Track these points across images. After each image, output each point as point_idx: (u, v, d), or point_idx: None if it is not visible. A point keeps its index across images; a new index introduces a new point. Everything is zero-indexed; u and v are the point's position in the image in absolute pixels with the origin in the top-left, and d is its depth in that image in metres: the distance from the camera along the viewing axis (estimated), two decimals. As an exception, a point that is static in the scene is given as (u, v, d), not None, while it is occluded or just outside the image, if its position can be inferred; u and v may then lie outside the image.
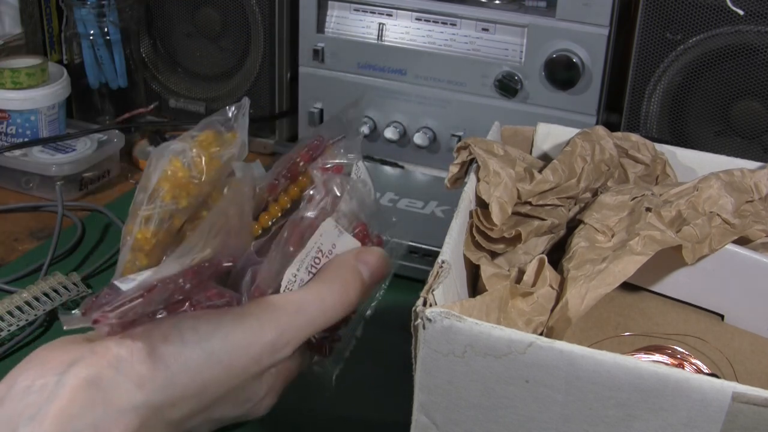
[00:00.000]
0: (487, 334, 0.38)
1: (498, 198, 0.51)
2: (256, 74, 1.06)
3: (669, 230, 0.50)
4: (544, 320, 0.47)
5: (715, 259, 0.52)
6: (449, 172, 0.57)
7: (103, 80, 1.09)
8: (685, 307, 0.54)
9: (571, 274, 0.48)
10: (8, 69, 0.96)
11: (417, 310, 0.40)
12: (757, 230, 0.54)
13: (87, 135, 1.00)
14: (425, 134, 0.99)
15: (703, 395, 0.36)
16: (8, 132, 0.98)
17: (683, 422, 0.37)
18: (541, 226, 0.54)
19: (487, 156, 0.54)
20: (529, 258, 0.52)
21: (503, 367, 0.39)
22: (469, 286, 0.51)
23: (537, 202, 0.54)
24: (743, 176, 0.56)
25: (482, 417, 0.40)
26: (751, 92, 0.86)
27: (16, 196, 0.95)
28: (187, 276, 0.42)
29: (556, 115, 0.92)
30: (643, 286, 0.55)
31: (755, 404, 0.36)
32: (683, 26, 0.85)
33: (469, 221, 0.52)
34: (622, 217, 0.51)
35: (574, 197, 0.56)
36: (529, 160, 0.58)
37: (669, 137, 0.90)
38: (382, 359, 0.64)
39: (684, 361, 0.48)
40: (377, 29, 0.98)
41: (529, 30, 0.92)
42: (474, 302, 0.43)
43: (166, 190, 0.47)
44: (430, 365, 0.40)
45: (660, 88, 0.89)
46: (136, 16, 1.09)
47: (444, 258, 0.44)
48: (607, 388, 0.37)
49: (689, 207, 0.52)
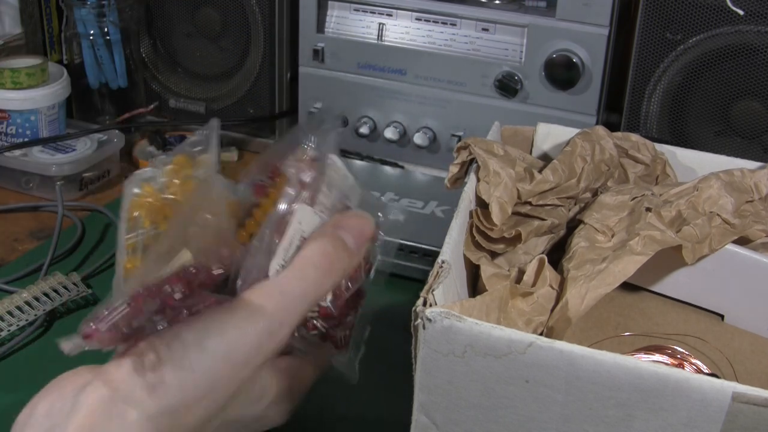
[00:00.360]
0: (487, 334, 0.38)
1: (498, 198, 0.51)
2: (256, 74, 1.06)
3: (669, 230, 0.50)
4: (544, 320, 0.47)
5: (715, 259, 0.52)
6: (449, 172, 0.57)
7: (103, 80, 1.09)
8: (685, 307, 0.54)
9: (571, 274, 0.48)
10: (8, 69, 0.96)
11: (417, 310, 0.40)
12: (757, 230, 0.54)
13: (87, 135, 1.00)
14: (425, 134, 0.99)
15: (703, 395, 0.36)
16: (8, 132, 0.98)
17: (683, 422, 0.37)
18: (541, 226, 0.54)
19: (487, 156, 0.54)
20: (529, 258, 0.52)
21: (503, 367, 0.39)
22: (469, 286, 0.51)
23: (537, 202, 0.54)
24: (743, 176, 0.56)
25: (482, 417, 0.40)
26: (751, 92, 0.86)
27: (16, 196, 0.95)
28: (173, 283, 0.42)
29: (556, 115, 0.92)
30: (643, 286, 0.55)
31: (755, 404, 0.36)
32: (683, 26, 0.85)
33: (469, 221, 0.52)
34: (622, 217, 0.51)
35: (574, 197, 0.56)
36: (529, 160, 0.58)
37: (669, 137, 0.90)
38: (383, 359, 0.64)
39: (684, 361, 0.48)
40: (377, 29, 0.98)
41: (529, 30, 0.92)
42: (474, 302, 0.43)
43: (144, 217, 0.48)
44: (430, 365, 0.40)
45: (660, 88, 0.89)
46: (136, 16, 1.09)
47: (444, 258, 0.44)
48: (607, 388, 0.37)
49: (689, 207, 0.52)
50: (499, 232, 0.51)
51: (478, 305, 0.43)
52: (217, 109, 1.10)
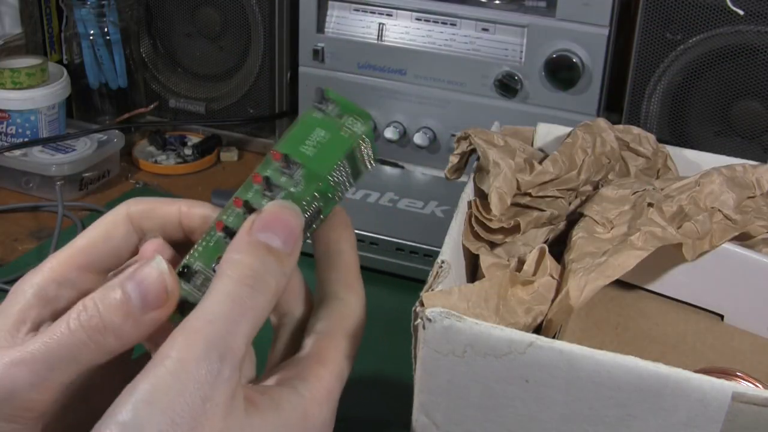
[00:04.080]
0: (487, 334, 0.38)
1: (497, 188, 0.51)
2: (256, 74, 1.06)
3: (670, 226, 0.50)
4: (544, 309, 0.47)
5: (715, 259, 0.52)
6: (449, 162, 0.57)
7: (103, 80, 1.09)
8: (685, 307, 0.54)
9: (571, 267, 0.48)
10: (8, 69, 0.96)
11: (417, 310, 0.40)
12: (759, 226, 0.53)
13: (87, 135, 1.00)
14: (425, 134, 0.99)
15: (703, 395, 0.36)
16: (8, 132, 0.98)
17: (683, 422, 0.37)
18: (540, 217, 0.54)
19: (487, 146, 0.54)
20: (528, 249, 0.52)
21: (503, 367, 0.39)
22: (469, 279, 0.51)
23: (537, 193, 0.54)
24: (745, 172, 0.56)
25: (482, 417, 0.40)
26: (751, 92, 0.86)
27: (16, 196, 0.95)
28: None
29: (556, 115, 0.92)
30: (643, 285, 0.55)
31: (755, 404, 0.36)
32: (683, 26, 0.85)
33: (467, 212, 0.52)
34: (623, 211, 0.51)
35: (574, 189, 0.56)
36: (529, 151, 0.58)
37: (669, 137, 0.90)
38: (383, 359, 0.64)
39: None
40: (377, 29, 0.98)
41: (529, 30, 0.92)
42: (473, 288, 0.43)
43: None
44: (430, 365, 0.40)
45: (660, 88, 0.89)
46: (136, 16, 1.09)
47: (444, 258, 0.44)
48: (607, 388, 0.37)
49: (690, 202, 0.52)
50: (497, 222, 0.51)
51: (477, 291, 0.43)
52: (217, 109, 1.10)
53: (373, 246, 0.82)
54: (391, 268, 0.82)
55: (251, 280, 0.36)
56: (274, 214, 0.37)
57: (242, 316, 0.35)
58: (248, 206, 0.39)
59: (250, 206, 0.39)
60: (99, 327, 0.35)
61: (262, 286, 0.36)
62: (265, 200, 0.39)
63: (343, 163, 0.39)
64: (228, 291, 0.35)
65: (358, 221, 0.45)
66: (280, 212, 0.37)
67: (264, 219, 0.37)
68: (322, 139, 0.40)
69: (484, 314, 0.43)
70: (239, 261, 0.36)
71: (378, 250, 0.82)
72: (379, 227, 0.83)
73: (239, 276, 0.36)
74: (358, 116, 0.40)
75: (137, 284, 0.36)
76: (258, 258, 0.36)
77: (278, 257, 0.37)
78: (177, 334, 0.34)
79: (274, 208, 0.38)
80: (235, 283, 0.35)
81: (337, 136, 0.40)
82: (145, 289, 0.36)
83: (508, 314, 0.45)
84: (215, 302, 0.35)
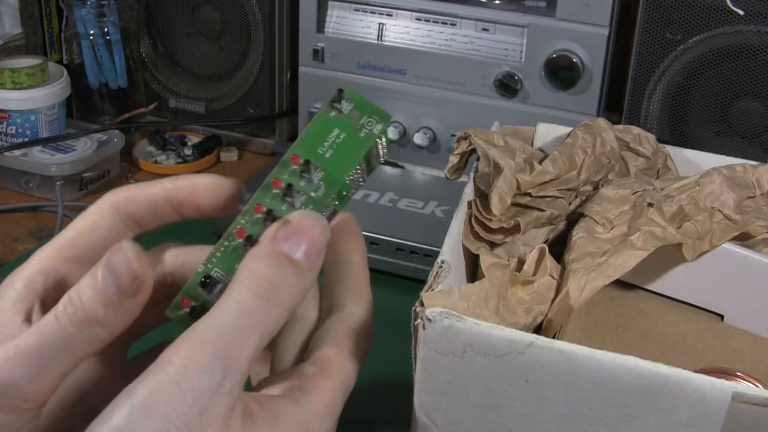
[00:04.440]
0: (487, 334, 0.38)
1: (497, 188, 0.51)
2: (256, 74, 1.06)
3: (670, 226, 0.50)
4: (544, 309, 0.47)
5: (715, 259, 0.52)
6: (449, 162, 0.57)
7: (103, 80, 1.09)
8: (685, 307, 0.54)
9: (571, 267, 0.48)
10: (8, 69, 0.96)
11: (417, 310, 0.40)
12: (759, 226, 0.53)
13: (87, 135, 1.00)
14: (425, 134, 0.99)
15: (703, 395, 0.36)
16: (8, 132, 0.98)
17: (683, 422, 0.37)
18: (541, 217, 0.54)
19: (487, 146, 0.54)
20: (528, 249, 0.52)
21: (503, 367, 0.39)
22: (469, 279, 0.51)
23: (537, 193, 0.54)
24: (745, 171, 0.56)
25: (482, 417, 0.40)
26: (751, 92, 0.86)
27: (16, 196, 0.95)
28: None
29: (556, 115, 0.92)
30: (643, 285, 0.55)
31: (755, 404, 0.36)
32: (683, 26, 0.85)
33: (467, 212, 0.52)
34: (623, 211, 0.51)
35: (574, 189, 0.56)
36: (529, 151, 0.58)
37: (669, 137, 0.90)
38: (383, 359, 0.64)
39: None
40: (377, 29, 0.98)
41: (529, 30, 0.92)
42: (473, 288, 0.43)
43: None
44: (430, 365, 0.40)
45: (660, 88, 0.89)
46: (136, 16, 1.09)
47: (444, 258, 0.44)
48: (607, 388, 0.37)
49: (690, 202, 0.52)
50: (497, 222, 0.51)
51: (477, 291, 0.43)
52: (217, 109, 1.10)
53: (373, 246, 0.82)
54: (391, 268, 0.83)
55: (267, 293, 0.35)
56: (300, 225, 0.36)
57: (252, 330, 0.34)
58: (270, 213, 0.38)
59: (271, 213, 0.38)
60: (85, 319, 0.35)
61: (277, 299, 0.35)
62: (284, 205, 0.38)
63: (361, 163, 0.39)
64: (241, 301, 0.34)
65: (358, 221, 0.44)
66: (306, 223, 0.36)
67: (289, 229, 0.36)
68: (340, 140, 0.39)
69: (484, 314, 0.43)
70: (257, 270, 0.35)
71: (378, 250, 0.82)
72: (379, 227, 0.83)
73: (255, 287, 0.35)
74: (376, 116, 0.39)
75: (109, 271, 0.35)
76: (277, 269, 0.35)
77: (298, 270, 0.35)
78: (183, 340, 0.34)
79: (301, 218, 0.36)
80: (250, 293, 0.35)
81: (355, 137, 0.39)
82: (117, 275, 0.35)
83: (508, 314, 0.45)
84: (227, 312, 0.34)
